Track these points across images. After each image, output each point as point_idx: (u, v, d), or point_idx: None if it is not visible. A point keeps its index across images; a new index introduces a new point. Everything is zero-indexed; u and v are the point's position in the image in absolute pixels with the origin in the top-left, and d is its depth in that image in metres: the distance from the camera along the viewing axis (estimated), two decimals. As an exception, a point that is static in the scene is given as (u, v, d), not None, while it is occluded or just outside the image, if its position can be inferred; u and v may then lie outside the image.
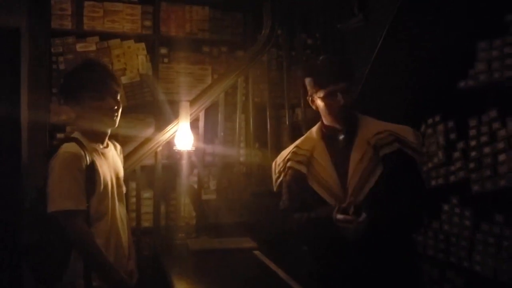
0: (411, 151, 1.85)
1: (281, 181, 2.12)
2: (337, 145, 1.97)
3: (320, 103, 1.97)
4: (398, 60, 2.98)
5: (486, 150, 2.73)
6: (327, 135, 2.02)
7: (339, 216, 1.76)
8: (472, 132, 2.83)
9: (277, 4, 3.56)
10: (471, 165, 2.81)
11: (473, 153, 2.81)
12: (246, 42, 4.03)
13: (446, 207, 2.97)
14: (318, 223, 1.88)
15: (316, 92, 1.95)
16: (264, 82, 3.65)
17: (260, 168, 3.45)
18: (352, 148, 1.92)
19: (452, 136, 2.97)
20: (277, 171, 2.16)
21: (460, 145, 2.90)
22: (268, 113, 3.52)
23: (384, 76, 3.02)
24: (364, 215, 1.73)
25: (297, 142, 2.13)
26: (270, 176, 3.35)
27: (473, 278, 2.73)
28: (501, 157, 2.64)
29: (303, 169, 1.98)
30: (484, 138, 2.75)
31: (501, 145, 2.65)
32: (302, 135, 3.54)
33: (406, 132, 1.90)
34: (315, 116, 3.80)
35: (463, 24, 2.77)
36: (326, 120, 2.02)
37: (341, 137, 1.97)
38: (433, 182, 3.07)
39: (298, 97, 3.65)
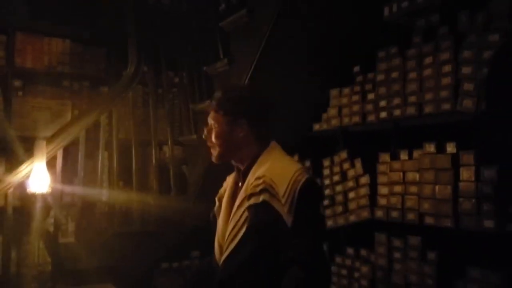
0: (277, 206, 1.56)
1: None
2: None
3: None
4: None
5: (338, 188, 2.97)
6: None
7: None
8: (326, 172, 3.07)
9: (143, 41, 3.55)
10: (325, 202, 3.03)
11: (326, 191, 3.04)
12: (109, 78, 3.93)
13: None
14: None
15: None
16: (130, 119, 3.57)
17: (123, 208, 3.34)
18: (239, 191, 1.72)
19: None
20: None
21: (316, 183, 3.12)
22: (133, 151, 3.44)
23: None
24: None
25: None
26: (135, 216, 3.30)
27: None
28: (351, 194, 2.89)
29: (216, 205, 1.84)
30: (336, 177, 3.00)
31: (350, 183, 2.91)
32: (169, 173, 3.59)
33: (282, 181, 1.57)
34: (184, 154, 3.86)
35: (318, 73, 3.03)
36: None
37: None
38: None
39: (165, 135, 3.64)
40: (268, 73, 2.92)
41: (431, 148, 2.48)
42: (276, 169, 1.62)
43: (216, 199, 1.85)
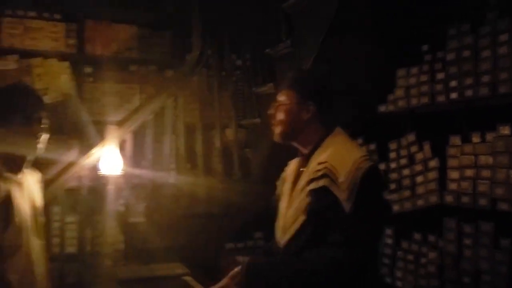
0: (336, 191, 1.55)
1: None
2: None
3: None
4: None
5: (405, 172, 2.89)
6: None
7: None
8: (392, 155, 2.98)
9: (207, 25, 3.58)
10: (392, 186, 2.95)
11: (393, 175, 2.96)
12: (175, 62, 4.01)
13: (369, 226, 3.10)
14: None
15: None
16: (195, 102, 3.64)
17: (191, 190, 3.43)
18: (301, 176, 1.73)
19: (374, 158, 3.12)
20: None
21: (382, 167, 3.05)
22: (199, 134, 3.51)
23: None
24: None
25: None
26: (201, 198, 3.38)
27: (394, 294, 2.87)
28: (419, 178, 2.80)
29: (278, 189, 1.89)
30: (403, 161, 2.91)
31: (418, 167, 2.81)
32: (233, 156, 3.64)
33: (344, 167, 1.57)
34: (247, 138, 3.89)
35: (384, 53, 2.93)
36: None
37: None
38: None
39: (229, 118, 3.67)
40: (333, 54, 2.86)
41: (505, 130, 2.35)
42: (339, 155, 1.63)
43: (278, 183, 1.88)
